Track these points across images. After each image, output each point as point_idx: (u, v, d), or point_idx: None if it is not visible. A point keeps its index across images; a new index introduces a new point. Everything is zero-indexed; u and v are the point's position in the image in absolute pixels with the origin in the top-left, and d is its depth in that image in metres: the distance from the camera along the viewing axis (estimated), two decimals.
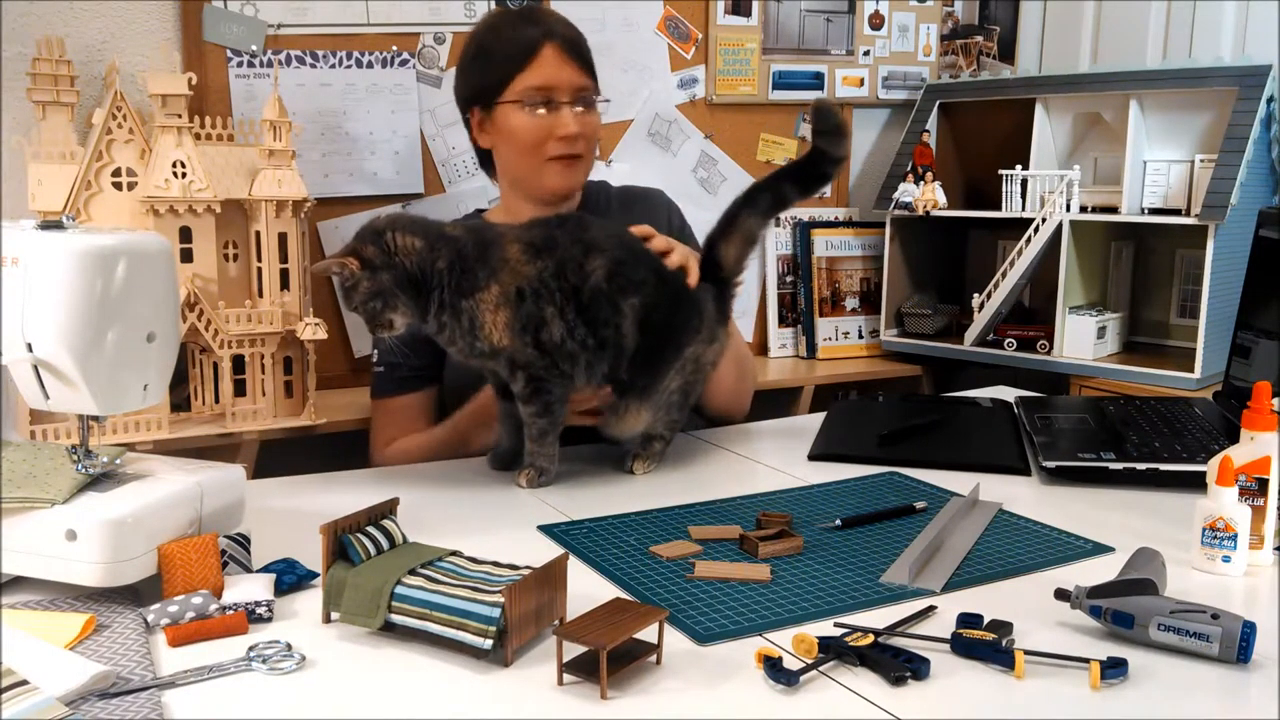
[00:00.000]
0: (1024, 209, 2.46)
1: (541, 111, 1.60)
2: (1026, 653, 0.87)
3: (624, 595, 1.01)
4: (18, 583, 1.01)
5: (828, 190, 2.81)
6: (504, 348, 1.30)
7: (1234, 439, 1.14)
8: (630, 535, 1.17)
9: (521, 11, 1.73)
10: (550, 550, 1.12)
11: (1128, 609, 0.91)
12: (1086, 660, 0.86)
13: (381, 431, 1.69)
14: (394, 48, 2.25)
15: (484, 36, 1.67)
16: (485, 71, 1.63)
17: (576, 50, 1.63)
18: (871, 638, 0.90)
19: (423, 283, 1.27)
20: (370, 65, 2.23)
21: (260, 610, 0.96)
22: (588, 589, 1.01)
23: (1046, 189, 2.43)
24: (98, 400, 1.00)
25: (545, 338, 1.30)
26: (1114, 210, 2.37)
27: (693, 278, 1.41)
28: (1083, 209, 2.39)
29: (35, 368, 0.99)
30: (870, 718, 0.80)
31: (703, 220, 1.59)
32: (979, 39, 2.93)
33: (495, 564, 0.96)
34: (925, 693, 0.84)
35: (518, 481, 1.36)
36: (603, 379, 1.37)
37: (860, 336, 2.75)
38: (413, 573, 0.92)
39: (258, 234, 1.85)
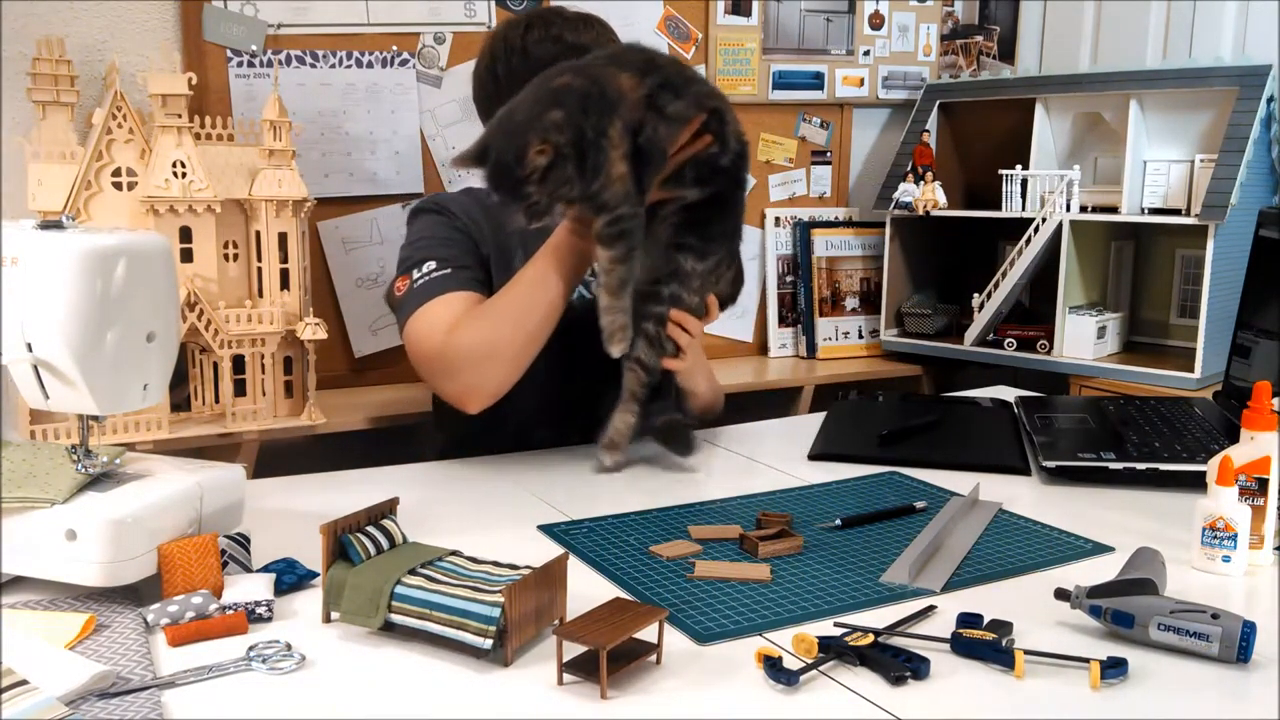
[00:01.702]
0: (1024, 209, 2.46)
1: None
2: (1026, 652, 0.87)
3: (624, 595, 1.01)
4: (18, 583, 1.00)
5: (828, 189, 2.82)
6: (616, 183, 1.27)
7: (1234, 439, 1.14)
8: (630, 535, 1.17)
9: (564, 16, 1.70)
10: (550, 550, 1.12)
11: (1128, 609, 0.91)
12: (1086, 660, 0.86)
13: (441, 320, 1.46)
14: (394, 48, 2.25)
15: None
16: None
17: None
18: (871, 637, 0.90)
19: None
20: (370, 65, 2.23)
21: (260, 610, 0.96)
22: (588, 589, 1.01)
23: (1046, 189, 2.43)
24: (98, 400, 1.00)
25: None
26: (1114, 210, 2.37)
27: None
28: (1083, 209, 2.39)
29: (35, 368, 0.99)
30: (870, 718, 0.80)
31: None
32: (979, 39, 2.93)
33: (495, 564, 0.96)
34: (925, 692, 0.84)
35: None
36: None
37: (860, 336, 2.75)
38: (413, 572, 0.92)
39: (258, 234, 1.85)
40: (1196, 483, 1.15)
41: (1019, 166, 2.48)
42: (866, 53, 2.79)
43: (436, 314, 1.46)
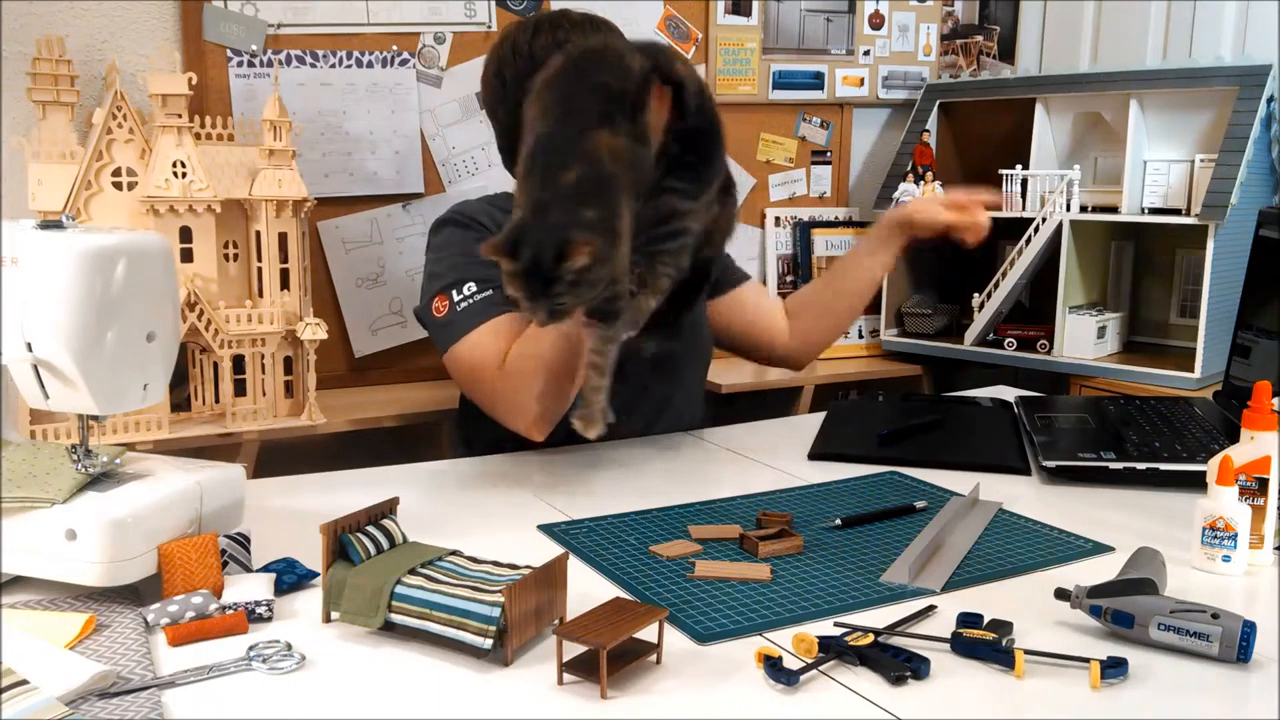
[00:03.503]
0: (1024, 209, 2.46)
1: None
2: (1026, 652, 0.87)
3: (624, 595, 1.01)
4: (18, 583, 1.00)
5: (828, 189, 2.82)
6: None
7: (1234, 439, 1.14)
8: (630, 535, 1.17)
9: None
10: (550, 550, 1.12)
11: (1128, 609, 0.91)
12: (1086, 660, 0.86)
13: (491, 351, 1.44)
14: (394, 48, 2.25)
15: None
16: None
17: None
18: (871, 637, 0.90)
19: None
20: (370, 65, 2.23)
21: (260, 610, 0.96)
22: (588, 589, 1.01)
23: (1046, 189, 2.43)
24: (97, 400, 1.00)
25: None
26: (1114, 210, 2.37)
27: None
28: (1083, 209, 2.39)
29: (35, 367, 0.99)
30: (870, 717, 0.80)
31: None
32: (979, 39, 2.93)
33: (495, 564, 0.96)
34: (925, 692, 0.84)
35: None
36: None
37: (860, 336, 2.75)
38: (413, 572, 0.92)
39: (258, 234, 1.85)
40: (1196, 483, 1.15)
41: (1019, 166, 2.48)
42: (866, 52, 2.79)
43: (485, 344, 1.43)
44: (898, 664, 0.86)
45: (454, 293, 1.48)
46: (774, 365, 1.87)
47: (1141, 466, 1.35)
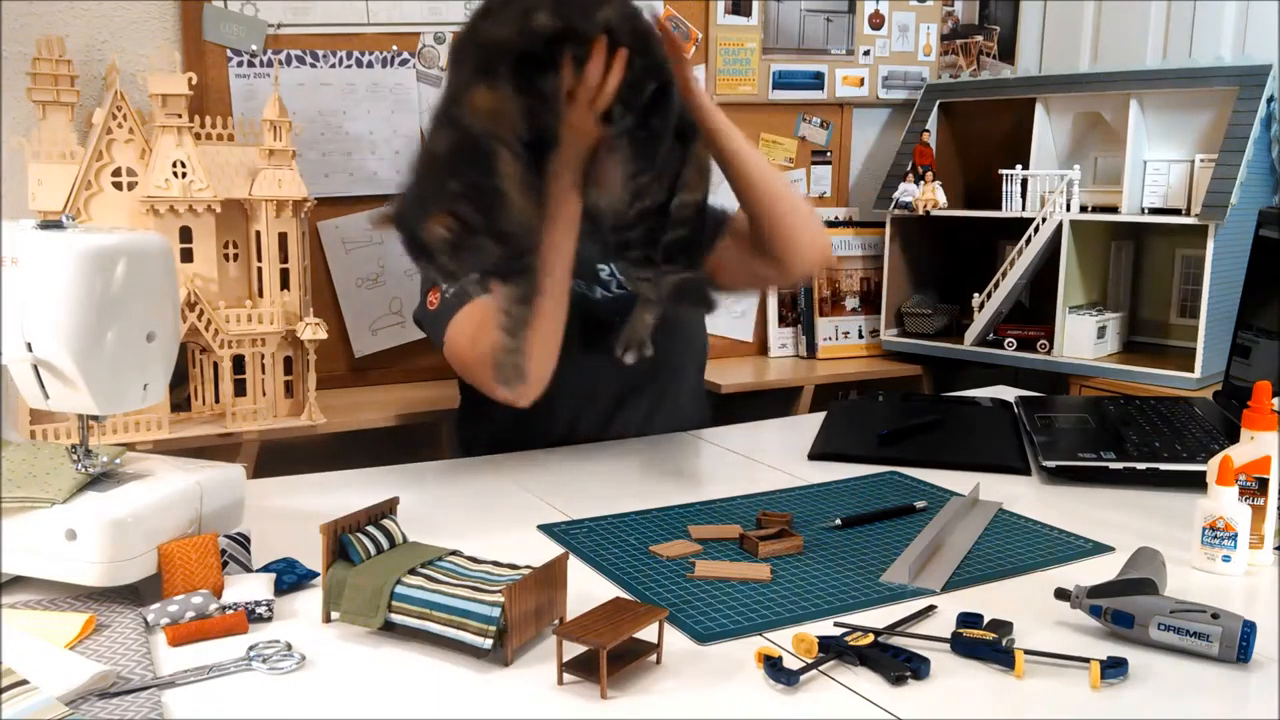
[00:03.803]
0: (1024, 209, 2.46)
1: None
2: (1026, 652, 0.87)
3: (624, 595, 1.01)
4: (18, 583, 1.00)
5: (828, 189, 2.82)
6: None
7: (1234, 439, 1.14)
8: (630, 535, 1.17)
9: None
10: (550, 550, 1.12)
11: (1128, 609, 0.91)
12: (1086, 660, 0.86)
13: (465, 331, 1.47)
14: (394, 47, 2.25)
15: None
16: None
17: None
18: (871, 637, 0.90)
19: None
20: (370, 65, 2.23)
21: (260, 610, 0.96)
22: (588, 589, 1.01)
23: (1046, 189, 2.43)
24: (97, 400, 1.00)
25: None
26: (1114, 210, 2.37)
27: None
28: (1083, 209, 2.39)
29: (35, 367, 0.99)
30: (870, 717, 0.80)
31: None
32: (979, 39, 2.93)
33: (495, 564, 0.96)
34: (925, 692, 0.84)
35: None
36: None
37: (860, 336, 2.75)
38: (413, 572, 0.92)
39: (258, 234, 1.85)
40: (1196, 483, 1.15)
41: (1019, 166, 2.48)
42: (866, 52, 2.79)
43: (461, 327, 1.46)
44: (898, 664, 0.86)
45: (445, 288, 1.50)
46: (792, 282, 1.80)
47: (1141, 466, 1.35)
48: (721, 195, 1.46)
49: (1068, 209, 2.37)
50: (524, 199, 1.21)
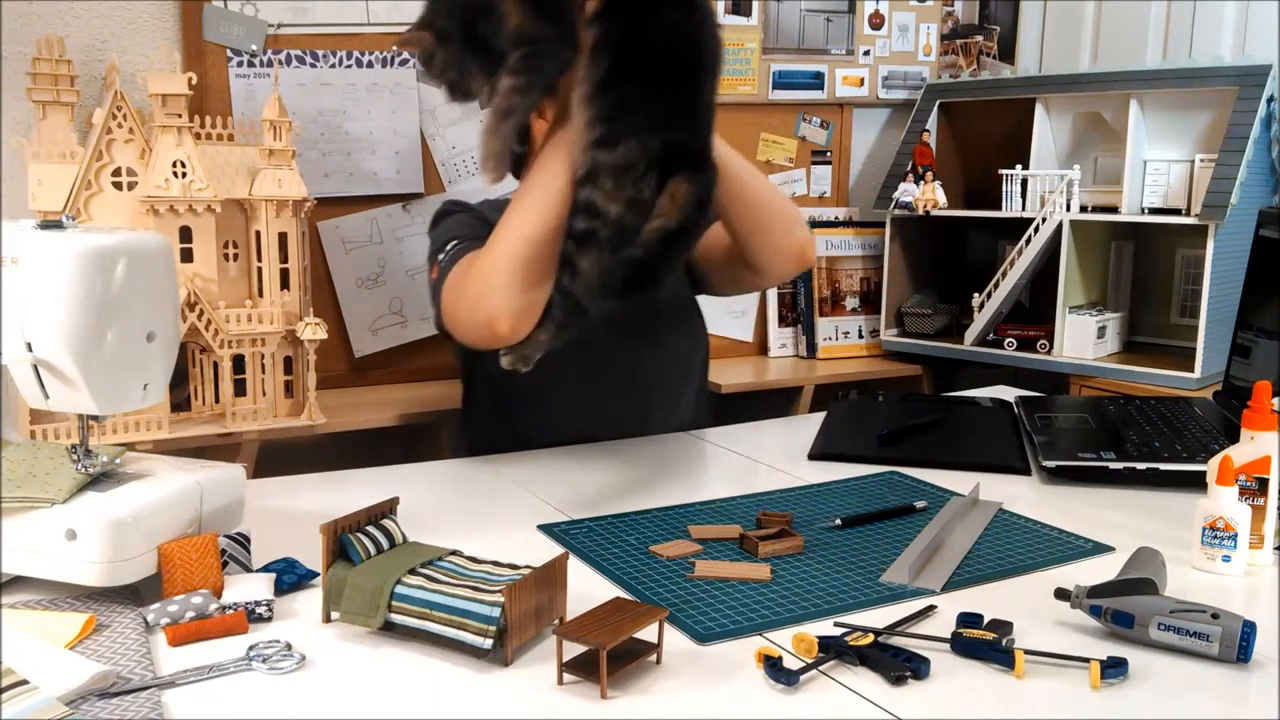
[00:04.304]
0: (1024, 209, 2.46)
1: None
2: (1026, 652, 0.87)
3: (624, 595, 1.01)
4: (18, 583, 1.00)
5: (828, 189, 2.82)
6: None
7: (1234, 439, 1.14)
8: (630, 535, 1.17)
9: None
10: (550, 550, 1.12)
11: (1128, 608, 0.91)
12: (1086, 660, 0.86)
13: (454, 278, 1.43)
14: (394, 47, 2.25)
15: None
16: None
17: None
18: (871, 637, 0.90)
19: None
20: (370, 65, 2.23)
21: (260, 610, 0.96)
22: (588, 589, 1.01)
23: (1046, 189, 2.43)
24: (97, 400, 1.00)
25: None
26: (1114, 210, 2.37)
27: None
28: (1083, 209, 2.39)
29: (35, 367, 0.99)
30: (870, 717, 0.80)
31: None
32: (979, 39, 2.93)
33: (495, 564, 0.96)
34: (925, 692, 0.84)
35: None
36: None
37: (860, 336, 2.75)
38: (413, 572, 0.92)
39: (258, 234, 1.85)
40: (1196, 483, 1.15)
41: (1019, 166, 2.48)
42: (866, 52, 2.79)
43: (451, 280, 1.40)
44: (898, 664, 0.86)
45: (440, 255, 1.47)
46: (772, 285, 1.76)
47: (1141, 466, 1.35)
48: None
49: (1068, 209, 2.37)
50: (519, 18, 1.19)
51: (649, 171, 1.18)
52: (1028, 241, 2.42)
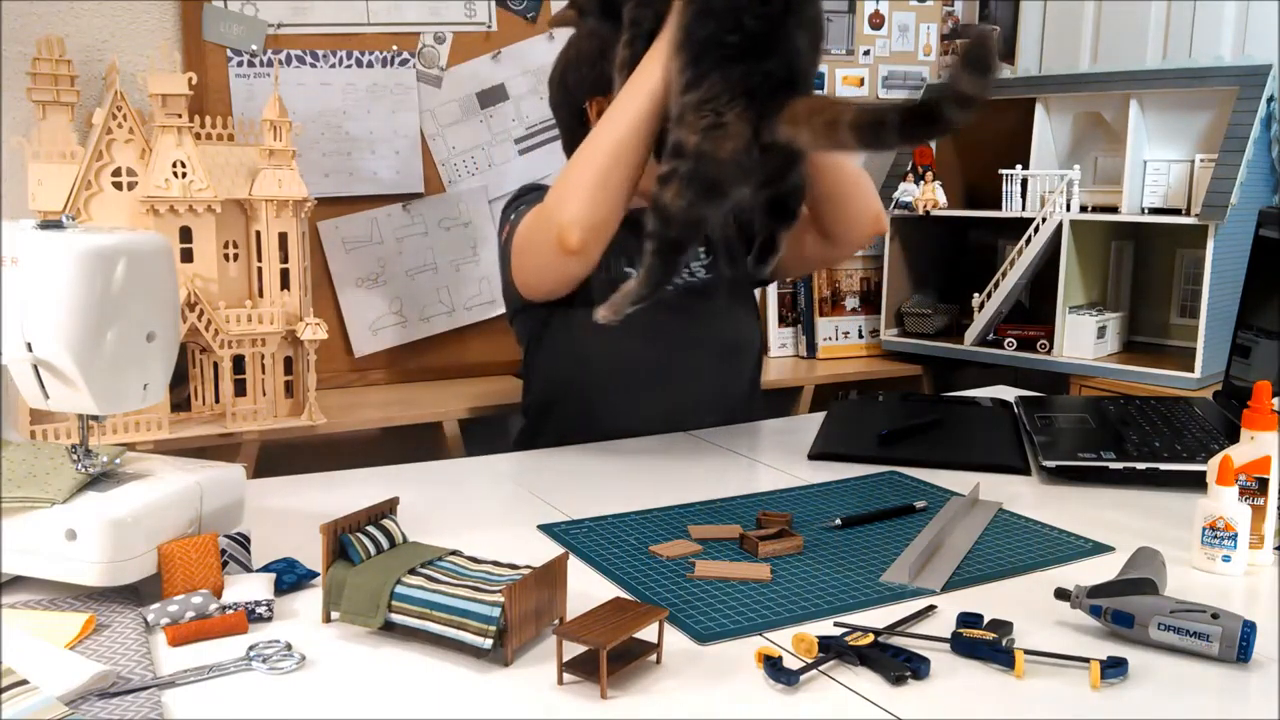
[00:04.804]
0: (1024, 209, 2.46)
1: None
2: (1026, 652, 0.87)
3: (624, 595, 1.01)
4: (18, 583, 1.00)
5: None
6: None
7: (1234, 439, 1.14)
8: (630, 535, 1.17)
9: None
10: (550, 550, 1.12)
11: (1128, 608, 0.91)
12: (1086, 660, 0.86)
13: (532, 217, 1.50)
14: (394, 48, 2.25)
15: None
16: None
17: None
18: (871, 637, 0.90)
19: None
20: (370, 65, 2.23)
21: (260, 610, 0.96)
22: (588, 589, 1.01)
23: (1046, 189, 2.43)
24: (97, 400, 1.00)
25: None
26: (1114, 210, 2.37)
27: None
28: (1083, 209, 2.39)
29: (35, 367, 0.99)
30: (870, 717, 0.80)
31: None
32: None
33: (495, 563, 0.96)
34: (925, 692, 0.84)
35: None
36: None
37: (860, 336, 2.75)
38: (413, 572, 0.92)
39: (258, 234, 1.85)
40: (1196, 483, 1.15)
41: (1019, 166, 2.48)
42: (866, 52, 2.79)
43: (524, 224, 1.46)
44: (898, 664, 0.86)
45: (512, 216, 1.54)
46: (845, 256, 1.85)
47: (1141, 466, 1.35)
48: None
49: (1068, 209, 2.37)
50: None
51: (733, 101, 1.20)
52: (1028, 241, 2.42)
